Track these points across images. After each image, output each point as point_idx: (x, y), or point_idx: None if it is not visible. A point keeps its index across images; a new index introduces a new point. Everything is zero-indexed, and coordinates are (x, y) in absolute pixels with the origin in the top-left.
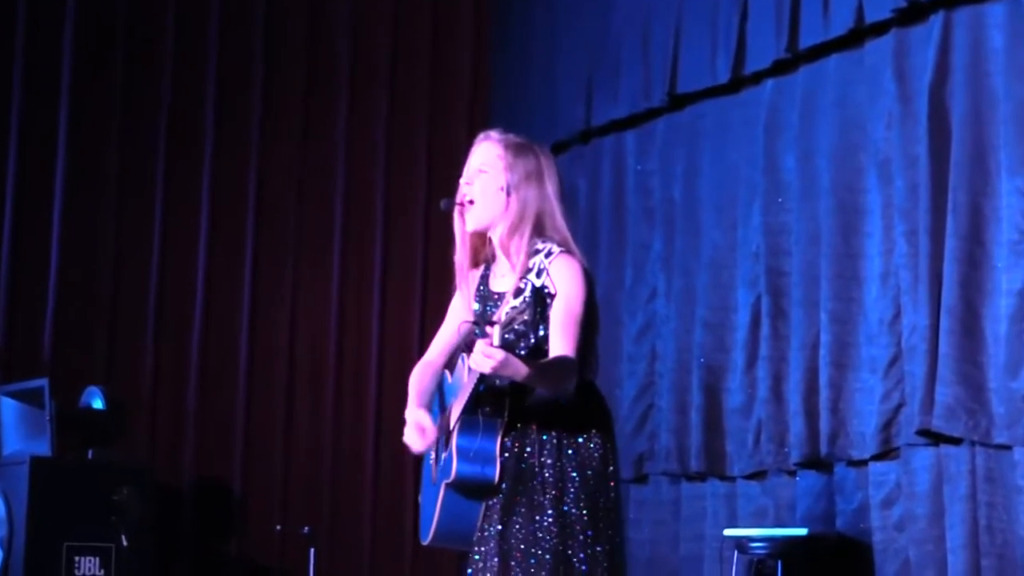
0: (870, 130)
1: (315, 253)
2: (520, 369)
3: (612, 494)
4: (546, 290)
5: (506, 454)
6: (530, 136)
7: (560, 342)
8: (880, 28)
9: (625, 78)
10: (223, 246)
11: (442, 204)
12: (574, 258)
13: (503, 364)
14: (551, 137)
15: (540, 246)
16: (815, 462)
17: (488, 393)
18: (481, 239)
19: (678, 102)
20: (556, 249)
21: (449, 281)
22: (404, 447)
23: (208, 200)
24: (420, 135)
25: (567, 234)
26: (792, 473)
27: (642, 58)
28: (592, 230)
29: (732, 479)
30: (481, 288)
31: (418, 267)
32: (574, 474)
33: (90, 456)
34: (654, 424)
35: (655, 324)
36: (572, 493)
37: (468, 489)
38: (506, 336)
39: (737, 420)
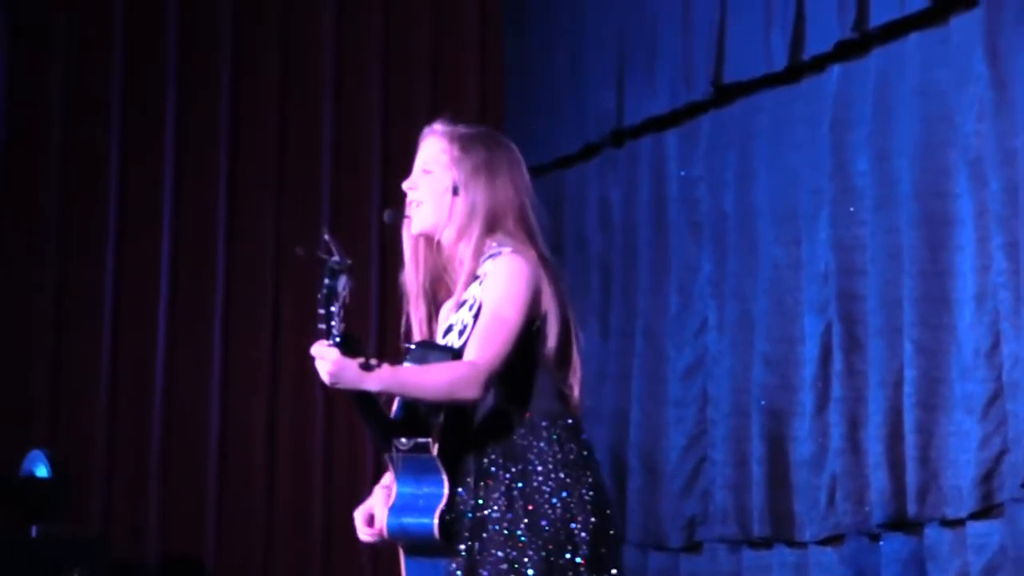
0: (958, 123)
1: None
2: (360, 379)
3: (578, 559)
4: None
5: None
6: (555, 140)
7: (470, 350)
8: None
9: (663, 64)
10: (190, 284)
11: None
12: (519, 256)
13: (340, 368)
14: (580, 139)
15: (494, 250)
16: (902, 523)
17: (410, 419)
18: (434, 251)
19: (726, 94)
20: (506, 250)
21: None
22: None
23: (169, 239)
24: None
25: (526, 235)
26: (875, 537)
27: (682, 40)
28: (629, 250)
29: (803, 545)
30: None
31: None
32: (524, 525)
33: (33, 533)
34: (707, 481)
35: (706, 361)
36: (528, 555)
37: (414, 547)
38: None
39: (807, 474)
